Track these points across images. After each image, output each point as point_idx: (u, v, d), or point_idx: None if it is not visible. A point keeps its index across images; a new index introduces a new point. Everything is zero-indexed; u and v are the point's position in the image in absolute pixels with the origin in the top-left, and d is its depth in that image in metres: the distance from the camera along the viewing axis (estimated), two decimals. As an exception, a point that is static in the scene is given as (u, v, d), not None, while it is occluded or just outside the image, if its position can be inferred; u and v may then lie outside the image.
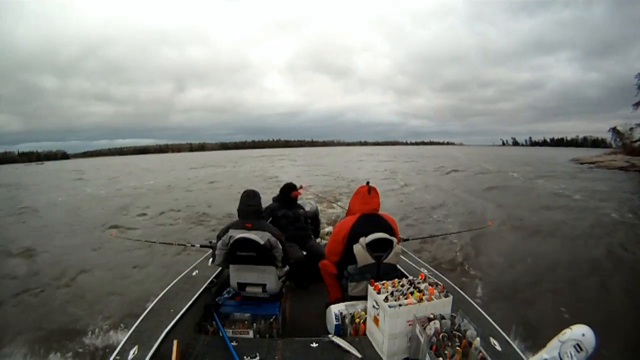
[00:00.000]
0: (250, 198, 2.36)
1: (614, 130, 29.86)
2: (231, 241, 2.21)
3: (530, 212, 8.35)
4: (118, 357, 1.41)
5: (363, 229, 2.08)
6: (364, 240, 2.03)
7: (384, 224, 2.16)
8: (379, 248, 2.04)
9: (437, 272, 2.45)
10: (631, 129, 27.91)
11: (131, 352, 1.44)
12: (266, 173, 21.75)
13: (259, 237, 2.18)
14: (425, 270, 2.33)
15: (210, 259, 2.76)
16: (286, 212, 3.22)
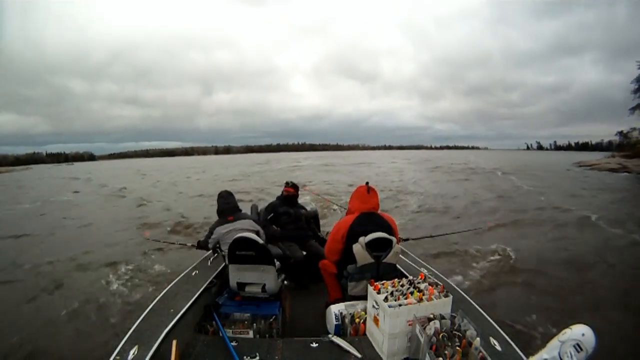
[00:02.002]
0: (226, 198, 2.71)
1: (620, 133, 30.54)
2: (221, 239, 2.55)
3: (474, 195, 11.80)
4: (118, 357, 1.41)
5: (362, 227, 2.08)
6: (363, 239, 2.03)
7: (383, 223, 2.16)
8: (379, 247, 2.04)
9: (437, 272, 2.45)
10: (626, 132, 29.56)
11: (131, 352, 1.44)
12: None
13: (242, 224, 2.55)
14: (425, 270, 2.32)
15: (211, 259, 2.76)
16: (287, 210, 3.24)
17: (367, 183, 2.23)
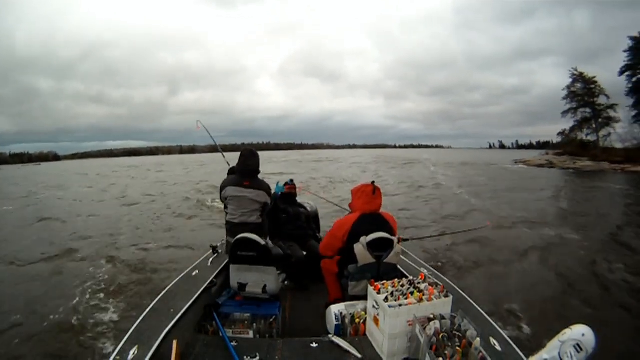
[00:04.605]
0: (249, 158, 2.49)
1: (561, 133, 33.52)
2: (229, 202, 2.50)
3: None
4: (118, 357, 1.41)
5: (364, 227, 2.08)
6: (364, 239, 2.03)
7: (385, 224, 2.16)
8: (380, 247, 2.04)
9: (437, 272, 2.45)
10: (560, 133, 33.12)
11: (131, 352, 1.44)
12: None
13: (253, 195, 2.47)
14: (425, 270, 2.32)
15: (211, 259, 2.76)
16: (287, 208, 3.22)
17: (373, 182, 2.21)
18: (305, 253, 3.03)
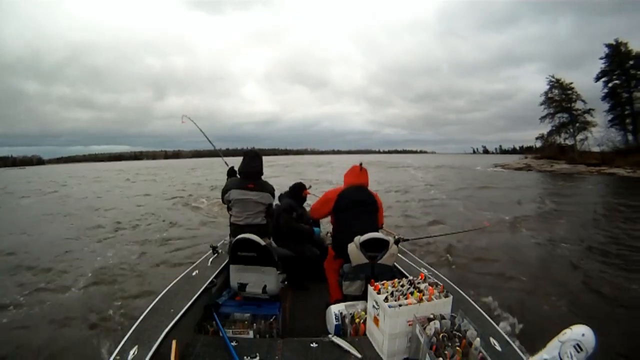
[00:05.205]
0: (253, 160, 2.49)
1: (541, 137, 34.72)
2: (234, 205, 2.47)
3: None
4: (118, 357, 1.41)
5: (350, 194, 2.36)
6: (358, 239, 2.05)
7: (368, 195, 2.37)
8: (374, 248, 2.06)
9: (437, 272, 2.45)
10: (538, 137, 34.59)
11: (131, 352, 1.44)
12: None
13: (258, 197, 2.45)
14: (425, 270, 2.33)
15: (211, 259, 2.76)
16: (302, 212, 3.22)
17: (360, 164, 2.46)
18: (318, 252, 3.07)
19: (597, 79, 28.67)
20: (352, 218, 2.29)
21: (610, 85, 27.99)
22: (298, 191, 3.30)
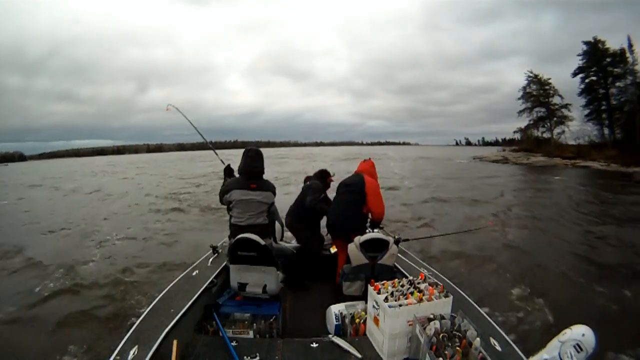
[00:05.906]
0: (255, 159, 2.40)
1: (520, 130, 35.17)
2: (235, 205, 2.40)
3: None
4: (118, 357, 1.41)
5: (345, 180, 2.86)
6: (358, 239, 2.06)
7: (357, 179, 2.74)
8: (374, 248, 2.06)
9: (437, 272, 2.45)
10: (516, 131, 35.36)
11: (131, 352, 1.44)
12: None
13: (261, 197, 2.41)
14: (425, 270, 2.33)
15: (211, 259, 2.76)
16: (325, 197, 3.27)
17: (369, 159, 2.97)
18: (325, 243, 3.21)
19: (574, 74, 29.23)
20: (337, 198, 2.82)
21: (587, 81, 28.48)
22: (325, 177, 3.36)
